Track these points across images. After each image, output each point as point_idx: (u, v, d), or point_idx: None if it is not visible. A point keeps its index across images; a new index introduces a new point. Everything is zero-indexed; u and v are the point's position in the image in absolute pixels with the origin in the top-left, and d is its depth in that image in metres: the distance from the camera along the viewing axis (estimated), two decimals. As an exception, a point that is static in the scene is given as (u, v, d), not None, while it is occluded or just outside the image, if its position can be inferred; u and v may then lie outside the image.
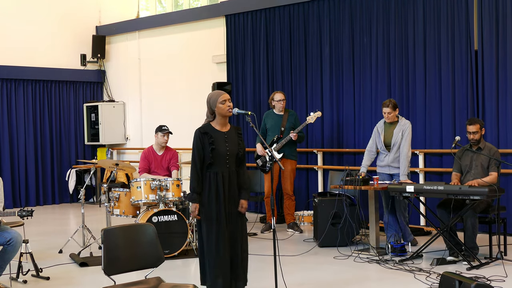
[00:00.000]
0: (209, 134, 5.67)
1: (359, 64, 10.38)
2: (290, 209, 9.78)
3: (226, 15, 12.23)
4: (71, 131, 14.29)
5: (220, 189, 5.65)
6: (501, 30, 9.01)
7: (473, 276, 6.39)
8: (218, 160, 5.66)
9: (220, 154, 5.66)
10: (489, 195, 6.88)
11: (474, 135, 7.52)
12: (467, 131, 7.57)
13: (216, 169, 5.66)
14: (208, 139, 5.65)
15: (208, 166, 5.67)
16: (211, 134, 5.67)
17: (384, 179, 8.33)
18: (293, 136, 9.40)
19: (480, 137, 7.56)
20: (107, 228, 4.85)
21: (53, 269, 7.49)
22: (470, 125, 7.55)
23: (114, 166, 8.90)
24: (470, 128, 7.54)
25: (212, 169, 5.66)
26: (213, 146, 5.63)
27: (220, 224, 5.62)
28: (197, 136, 5.69)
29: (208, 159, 5.65)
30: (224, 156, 5.67)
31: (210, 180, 5.66)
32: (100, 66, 14.81)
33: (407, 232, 8.36)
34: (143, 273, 4.93)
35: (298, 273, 7.14)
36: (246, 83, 11.89)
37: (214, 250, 5.60)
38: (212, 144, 5.64)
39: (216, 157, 5.64)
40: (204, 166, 5.68)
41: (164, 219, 7.97)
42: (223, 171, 5.67)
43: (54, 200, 13.94)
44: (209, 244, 5.63)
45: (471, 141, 7.57)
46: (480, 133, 7.53)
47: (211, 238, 5.62)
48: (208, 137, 5.66)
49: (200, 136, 5.68)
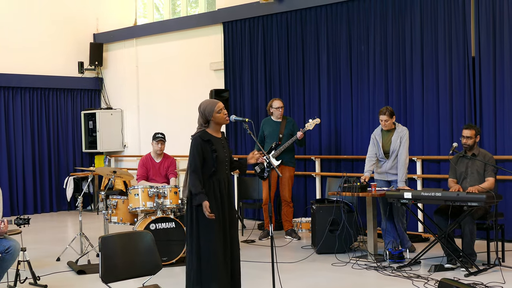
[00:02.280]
0: (211, 141, 5.62)
1: (357, 71, 10.39)
2: (288, 216, 9.77)
3: (224, 22, 12.24)
4: (69, 139, 14.28)
5: (224, 195, 5.63)
6: (498, 37, 9.03)
7: (471, 283, 6.39)
8: (220, 167, 5.63)
9: (221, 161, 5.64)
10: (487, 201, 6.89)
11: (468, 140, 7.53)
12: (462, 135, 7.59)
13: (218, 175, 5.62)
14: (210, 147, 5.60)
15: (212, 173, 5.60)
16: (213, 142, 5.64)
17: (382, 185, 8.33)
18: (300, 135, 9.40)
19: (474, 144, 7.56)
20: (105, 235, 4.85)
21: (50, 277, 7.47)
22: (466, 130, 7.58)
23: (112, 174, 8.89)
24: (465, 133, 7.56)
25: (215, 176, 5.61)
26: (215, 153, 5.59)
27: (223, 230, 5.58)
28: (198, 144, 5.59)
29: (211, 166, 5.59)
30: (224, 162, 5.66)
31: (214, 187, 5.60)
32: (98, 73, 14.82)
33: (405, 239, 8.36)
34: (141, 280, 4.93)
35: (296, 280, 7.13)
36: (243, 90, 11.90)
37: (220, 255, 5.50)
38: (215, 152, 5.59)
39: (218, 164, 5.62)
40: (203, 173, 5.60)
41: (162, 226, 7.97)
42: (223, 177, 5.67)
43: (52, 208, 13.92)
44: (211, 249, 5.50)
45: (464, 145, 7.59)
46: (474, 139, 7.54)
47: (215, 244, 5.50)
48: (210, 145, 5.60)
49: (201, 143, 5.59)
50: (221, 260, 5.52)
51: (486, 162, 7.45)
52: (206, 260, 5.53)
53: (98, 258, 4.67)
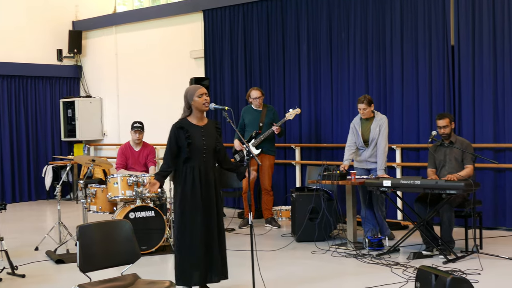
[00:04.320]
0: (185, 128, 5.72)
1: (337, 59, 10.40)
2: (268, 204, 9.78)
3: (204, 10, 12.18)
4: (47, 127, 14.17)
5: (197, 183, 5.71)
6: (477, 25, 9.06)
7: (449, 270, 6.41)
8: (195, 155, 5.71)
9: (197, 149, 5.70)
10: (465, 189, 6.93)
11: (445, 129, 7.58)
12: (437, 125, 7.64)
13: (193, 163, 5.72)
14: (184, 134, 5.68)
15: (185, 160, 5.73)
16: (187, 129, 5.71)
17: (361, 174, 8.36)
18: (276, 129, 9.40)
19: (451, 131, 7.62)
20: (83, 224, 4.81)
21: (28, 267, 7.43)
22: (440, 120, 7.62)
23: (91, 162, 8.83)
24: (440, 123, 7.60)
25: (189, 163, 5.73)
26: (189, 141, 5.68)
27: (195, 218, 5.68)
28: (172, 131, 5.76)
29: (185, 153, 5.68)
30: (201, 150, 5.71)
31: (187, 174, 5.73)
32: (77, 61, 14.70)
33: (384, 227, 8.40)
34: (120, 269, 4.90)
35: (276, 268, 7.15)
36: (224, 78, 11.86)
37: (189, 242, 5.68)
38: (189, 139, 5.68)
39: (192, 151, 5.68)
40: (177, 161, 5.76)
41: (141, 215, 7.93)
42: (200, 165, 5.72)
43: (31, 197, 13.83)
44: (184, 236, 5.72)
45: (442, 135, 7.63)
46: (450, 127, 7.60)
47: (186, 231, 5.70)
48: (184, 132, 5.69)
49: (175, 130, 5.74)
50: (196, 247, 5.66)
51: (464, 150, 7.49)
52: (183, 246, 5.73)
53: (77, 247, 4.63)
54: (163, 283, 4.74)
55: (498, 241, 8.27)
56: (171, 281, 4.77)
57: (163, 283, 4.73)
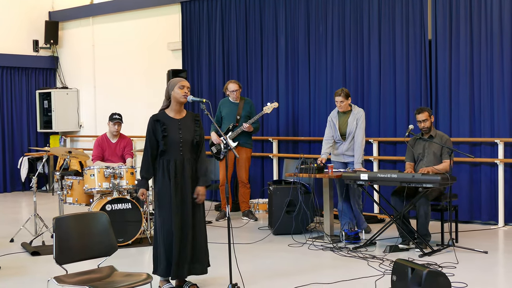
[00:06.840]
0: (161, 121, 5.71)
1: (315, 52, 10.40)
2: (245, 197, 9.78)
3: (182, 2, 12.12)
4: (23, 118, 14.03)
5: (172, 176, 5.70)
6: (455, 20, 9.11)
7: (425, 263, 6.48)
8: (171, 148, 5.70)
9: (173, 142, 5.69)
10: (441, 183, 6.97)
11: (424, 123, 7.64)
12: (417, 120, 7.69)
13: (169, 156, 5.72)
14: (160, 126, 5.68)
15: (161, 153, 5.74)
16: (163, 122, 5.71)
17: (338, 167, 8.38)
18: (246, 127, 9.37)
19: (430, 125, 7.69)
20: (59, 216, 4.79)
21: (4, 258, 7.37)
22: (419, 114, 7.67)
23: (67, 154, 8.77)
24: (419, 117, 7.65)
25: (165, 156, 5.73)
26: (165, 133, 5.68)
27: (170, 211, 5.69)
28: (149, 124, 5.76)
29: (161, 146, 5.68)
30: (177, 143, 5.69)
31: (163, 167, 5.72)
32: (53, 52, 14.57)
33: (361, 220, 8.44)
34: (96, 262, 4.88)
35: (253, 261, 7.15)
36: (201, 70, 11.83)
37: (165, 236, 5.69)
38: (164, 132, 5.68)
39: (168, 144, 5.67)
40: (157, 154, 5.76)
41: (118, 207, 7.90)
42: (176, 159, 5.71)
43: (6, 188, 13.71)
44: (161, 229, 5.73)
45: (422, 129, 7.69)
46: (430, 121, 7.66)
47: (162, 224, 5.71)
48: (160, 124, 5.69)
49: (152, 123, 5.73)
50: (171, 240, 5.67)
51: (443, 145, 7.54)
52: (160, 239, 5.74)
53: (53, 239, 4.60)
54: (140, 275, 4.73)
55: (473, 235, 8.35)
56: (148, 274, 4.76)
57: (140, 276, 4.72)
